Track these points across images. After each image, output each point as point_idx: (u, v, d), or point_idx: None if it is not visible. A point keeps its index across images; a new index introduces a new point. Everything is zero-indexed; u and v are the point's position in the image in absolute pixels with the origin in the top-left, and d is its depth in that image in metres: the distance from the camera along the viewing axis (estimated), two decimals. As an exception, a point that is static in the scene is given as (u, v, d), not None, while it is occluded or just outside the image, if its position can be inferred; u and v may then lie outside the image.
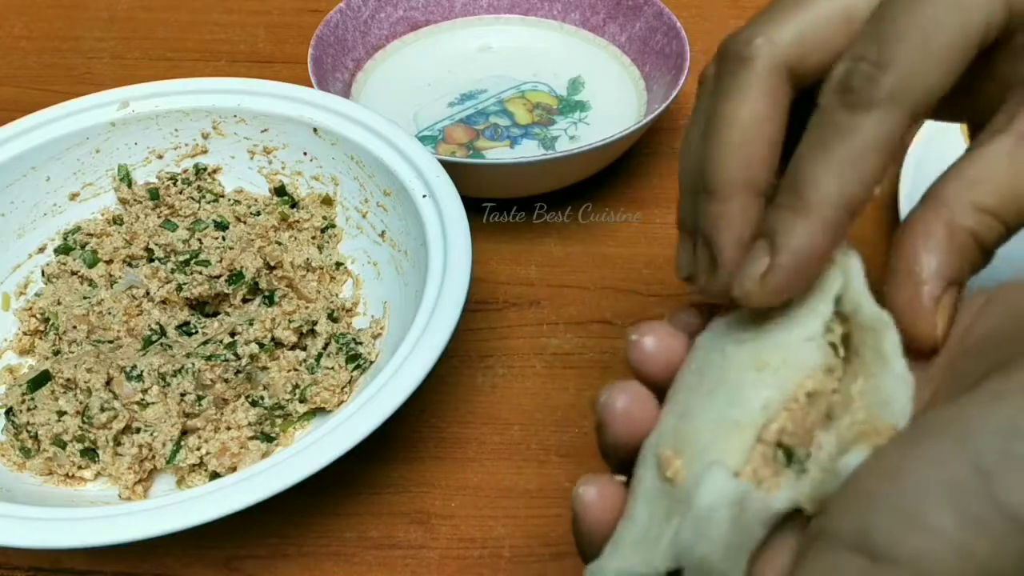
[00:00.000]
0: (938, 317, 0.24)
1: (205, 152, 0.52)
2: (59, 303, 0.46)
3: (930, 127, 0.52)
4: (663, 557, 0.24)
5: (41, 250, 0.49)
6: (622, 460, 0.27)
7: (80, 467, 0.41)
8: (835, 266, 0.26)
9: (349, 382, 0.43)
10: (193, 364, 0.42)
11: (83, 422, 0.40)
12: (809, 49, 0.25)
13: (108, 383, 0.41)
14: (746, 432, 0.24)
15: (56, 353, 0.44)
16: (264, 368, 0.43)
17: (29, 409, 0.41)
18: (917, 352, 0.25)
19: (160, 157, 0.52)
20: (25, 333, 0.46)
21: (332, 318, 0.45)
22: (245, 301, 0.46)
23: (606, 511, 0.26)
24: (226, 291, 0.45)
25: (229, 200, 0.51)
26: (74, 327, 0.44)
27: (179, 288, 0.45)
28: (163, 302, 0.45)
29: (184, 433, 0.41)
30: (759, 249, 0.25)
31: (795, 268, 0.24)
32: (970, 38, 0.23)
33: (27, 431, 0.41)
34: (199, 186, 0.51)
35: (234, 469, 0.40)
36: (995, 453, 0.19)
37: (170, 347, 0.43)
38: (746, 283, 0.25)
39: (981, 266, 0.25)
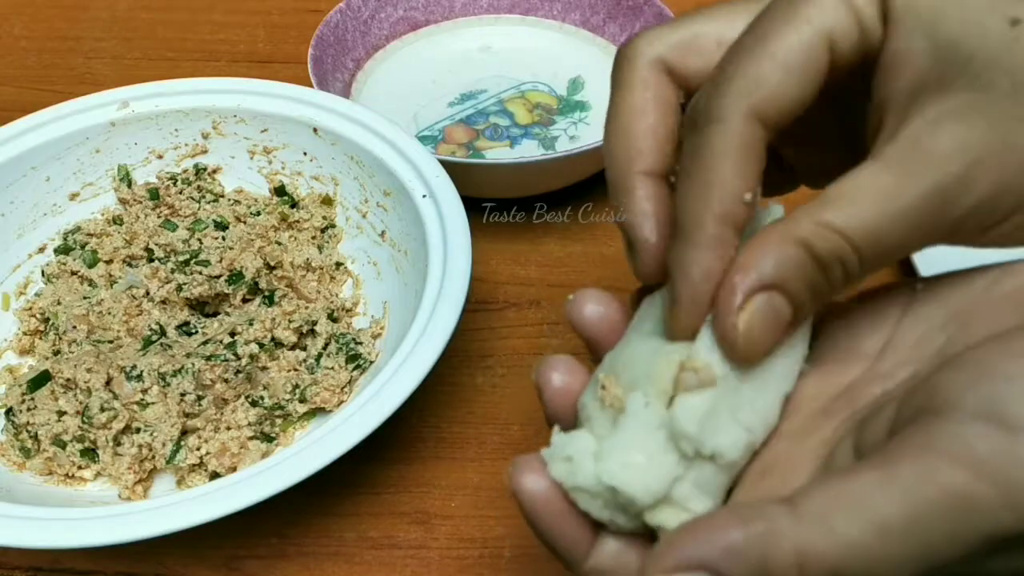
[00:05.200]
0: (740, 319, 0.23)
1: (205, 152, 0.52)
2: (59, 303, 0.46)
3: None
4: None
5: (41, 250, 0.49)
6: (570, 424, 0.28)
7: (80, 467, 0.41)
8: None
9: (349, 382, 0.43)
10: (193, 364, 0.42)
11: (83, 422, 0.40)
12: (686, 52, 0.26)
13: (108, 383, 0.41)
14: (674, 360, 0.25)
15: (56, 353, 0.44)
16: (264, 368, 0.43)
17: (29, 409, 0.41)
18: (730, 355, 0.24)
19: (160, 157, 0.52)
20: (25, 333, 0.46)
21: (332, 318, 0.45)
22: (245, 301, 0.46)
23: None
24: (226, 291, 0.45)
25: (229, 200, 0.51)
26: (74, 327, 0.44)
27: (179, 288, 0.45)
28: (163, 302, 0.45)
29: (184, 433, 0.41)
30: (668, 284, 0.25)
31: (695, 295, 0.24)
32: (810, 45, 0.24)
33: (27, 431, 0.41)
34: (199, 186, 0.51)
35: (234, 469, 0.40)
36: None
37: (170, 347, 0.43)
38: (669, 318, 0.25)
39: (825, 287, 0.24)
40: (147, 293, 0.46)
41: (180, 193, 0.50)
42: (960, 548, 0.20)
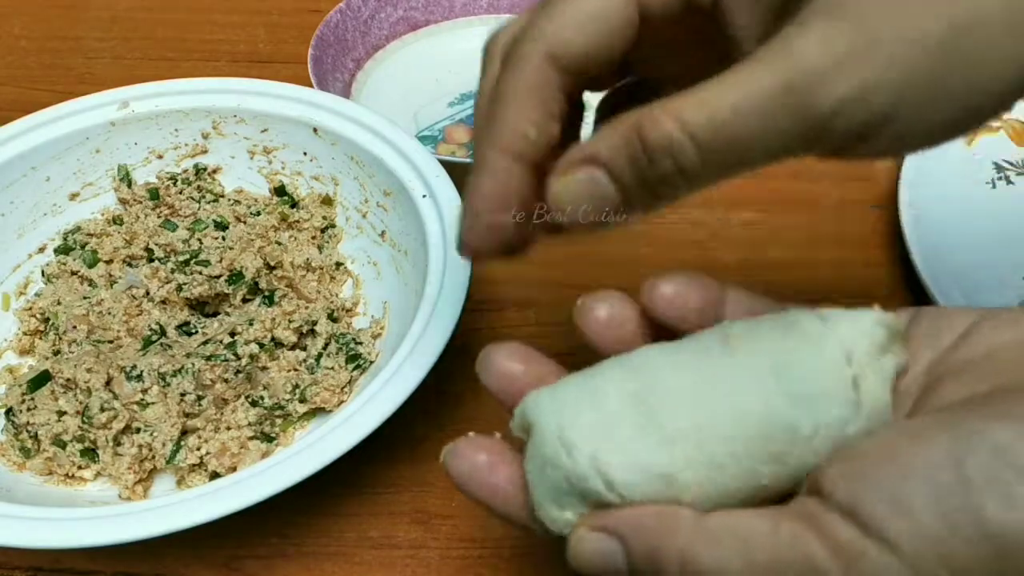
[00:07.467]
0: (557, 181, 0.26)
1: (205, 152, 0.52)
2: (59, 303, 0.46)
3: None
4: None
5: (41, 250, 0.49)
6: None
7: (80, 467, 0.41)
8: None
9: (349, 382, 0.43)
10: (193, 364, 0.42)
11: (83, 422, 0.40)
12: (566, 43, 0.27)
13: (108, 383, 0.41)
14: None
15: (56, 353, 0.44)
16: (264, 368, 0.43)
17: (29, 409, 0.41)
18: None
19: (160, 157, 0.52)
20: (25, 333, 0.46)
21: (332, 318, 0.45)
22: (245, 301, 0.46)
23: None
24: (226, 291, 0.45)
25: (229, 200, 0.51)
26: (74, 327, 0.44)
27: (179, 288, 0.45)
28: (163, 302, 0.45)
29: (184, 433, 0.41)
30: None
31: (474, 212, 0.28)
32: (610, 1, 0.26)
33: (27, 431, 0.41)
34: (199, 186, 0.51)
35: (234, 469, 0.40)
36: (983, 467, 0.20)
37: (170, 347, 0.43)
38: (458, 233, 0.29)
39: (652, 174, 0.25)
40: (147, 293, 0.46)
41: (180, 193, 0.50)
42: None
